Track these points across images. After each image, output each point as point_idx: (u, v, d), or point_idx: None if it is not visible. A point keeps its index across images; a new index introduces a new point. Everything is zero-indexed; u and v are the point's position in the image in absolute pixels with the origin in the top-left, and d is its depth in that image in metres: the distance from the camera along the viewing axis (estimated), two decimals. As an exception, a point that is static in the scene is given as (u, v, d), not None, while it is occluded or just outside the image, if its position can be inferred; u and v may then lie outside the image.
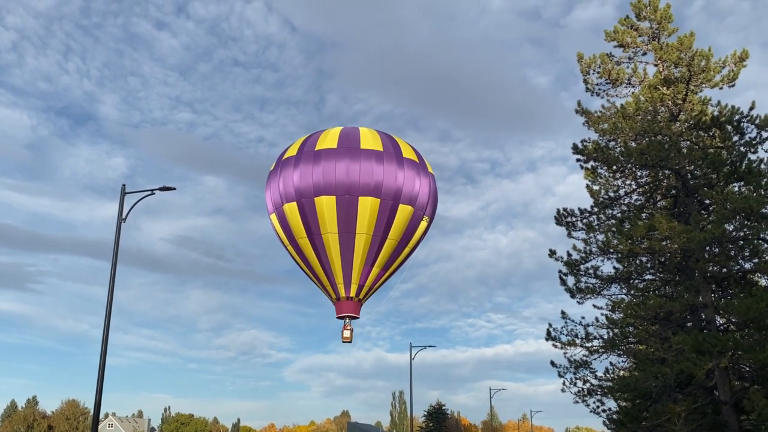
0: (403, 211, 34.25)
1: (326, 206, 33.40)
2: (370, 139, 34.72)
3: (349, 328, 34.98)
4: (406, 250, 35.95)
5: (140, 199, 24.78)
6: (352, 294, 34.76)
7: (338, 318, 35.30)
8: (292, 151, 35.46)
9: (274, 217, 35.72)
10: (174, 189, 25.03)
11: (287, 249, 36.30)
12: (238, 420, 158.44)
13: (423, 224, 35.66)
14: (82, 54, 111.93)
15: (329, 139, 34.67)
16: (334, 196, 33.30)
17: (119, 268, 23.43)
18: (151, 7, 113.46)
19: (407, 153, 35.33)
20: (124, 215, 24.15)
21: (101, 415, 26.44)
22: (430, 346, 52.52)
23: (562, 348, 28.62)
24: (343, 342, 34.93)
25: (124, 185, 24.65)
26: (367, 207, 33.40)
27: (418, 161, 35.64)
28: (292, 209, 34.32)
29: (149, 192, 24.86)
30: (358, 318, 35.46)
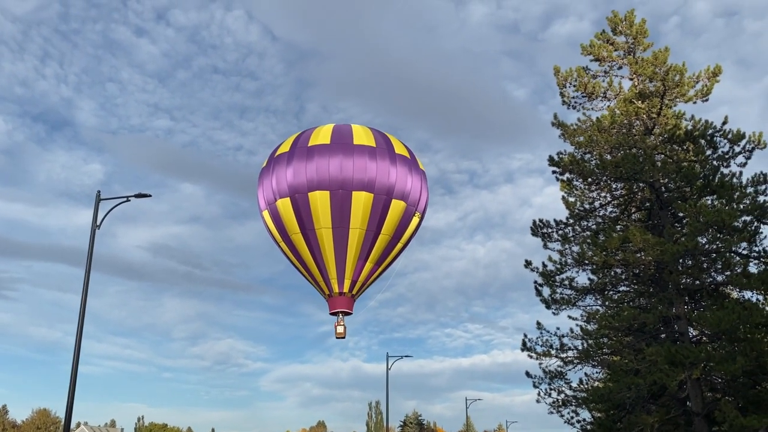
0: (396, 207, 34.43)
1: (320, 201, 33.42)
2: (362, 136, 34.94)
3: (342, 323, 34.87)
4: (399, 245, 36.09)
5: (115, 206, 24.59)
6: (345, 289, 34.71)
7: (331, 314, 35.13)
8: (285, 148, 35.45)
9: (266, 213, 35.61)
10: (150, 196, 24.86)
11: (279, 246, 36.19)
12: (213, 430, 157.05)
13: (415, 220, 35.85)
14: (60, 59, 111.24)
15: (322, 135, 34.78)
16: (328, 191, 33.33)
17: (94, 275, 23.20)
18: (131, 14, 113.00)
19: (399, 149, 35.60)
20: (98, 222, 23.92)
21: (73, 425, 26.06)
22: (407, 356, 52.49)
23: (537, 358, 28.76)
24: (337, 338, 34.83)
25: (99, 192, 24.47)
26: (361, 201, 33.54)
27: (409, 157, 35.93)
28: (285, 205, 34.25)
29: (124, 199, 24.68)
30: (351, 314, 35.39)
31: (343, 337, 34.80)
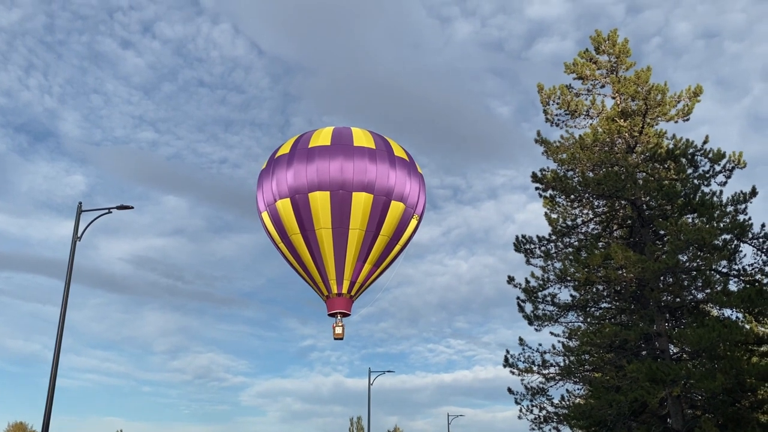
0: (395, 208, 34.62)
1: (320, 201, 33.52)
2: (362, 138, 35.18)
3: (340, 324, 34.80)
4: (397, 247, 36.21)
5: (97, 218, 24.38)
6: (344, 290, 34.70)
7: (329, 315, 35.12)
8: (285, 149, 35.55)
9: (266, 215, 35.62)
10: (132, 208, 24.68)
11: (278, 247, 36.17)
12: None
13: (413, 222, 36.01)
14: (45, 70, 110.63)
15: (322, 137, 34.97)
16: (329, 192, 33.44)
17: (75, 287, 22.94)
18: (117, 26, 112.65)
19: (398, 152, 35.86)
20: (79, 234, 23.72)
21: (48, 440, 25.58)
22: (389, 371, 52.14)
23: (519, 375, 28.75)
24: (335, 339, 34.74)
25: (80, 203, 24.27)
26: (361, 202, 33.69)
27: (408, 160, 36.17)
28: (285, 206, 34.30)
29: (106, 211, 24.49)
30: (349, 315, 35.32)
31: (342, 338, 34.80)
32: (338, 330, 34.66)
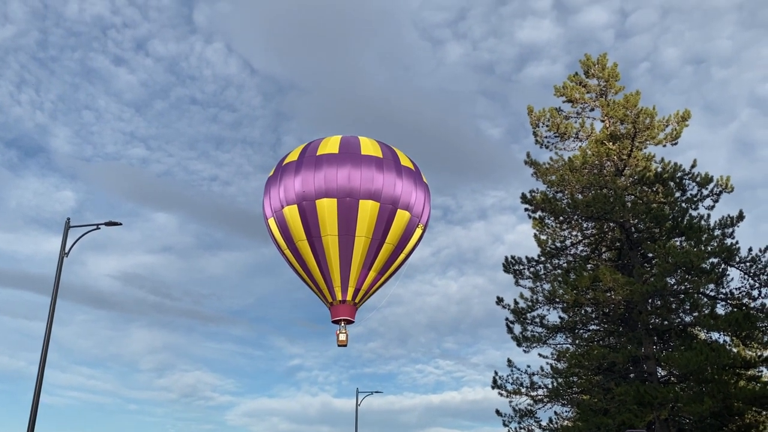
0: (401, 217, 34.87)
1: (327, 208, 33.81)
2: (369, 147, 35.64)
3: (344, 332, 34.96)
4: (402, 256, 36.43)
5: (85, 233, 24.24)
6: (349, 297, 34.86)
7: (333, 322, 35.29)
8: (293, 157, 35.98)
9: (272, 221, 35.89)
10: (120, 224, 24.56)
11: (284, 253, 36.41)
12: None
13: (418, 231, 36.23)
14: (36, 86, 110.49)
15: (330, 145, 35.42)
16: (336, 199, 33.75)
17: (62, 303, 22.76)
18: (110, 43, 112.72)
19: (405, 161, 36.30)
20: (67, 249, 23.58)
21: (30, 458, 25.22)
22: (377, 392, 51.78)
23: (507, 396, 28.66)
24: (339, 346, 34.90)
25: (68, 219, 24.13)
26: (367, 210, 33.96)
27: (414, 170, 36.56)
28: (292, 212, 34.59)
29: (94, 227, 24.38)
30: (353, 322, 35.44)
31: (345, 345, 34.98)
32: (342, 337, 34.85)
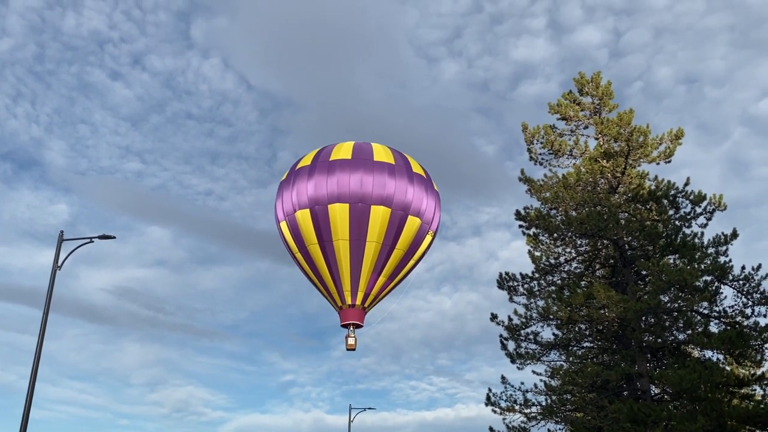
0: (412, 223, 35.19)
1: (339, 213, 34.15)
2: (382, 153, 36.02)
3: (353, 336, 35.02)
4: (411, 261, 36.71)
5: (78, 247, 24.20)
6: (358, 302, 35.10)
7: (342, 326, 35.35)
8: (306, 161, 36.32)
9: (284, 225, 36.13)
10: (114, 237, 24.53)
11: (295, 257, 36.70)
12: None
13: (428, 238, 36.56)
14: (33, 99, 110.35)
15: (343, 151, 35.78)
16: (348, 204, 34.05)
17: (54, 317, 22.68)
18: (107, 58, 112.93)
19: (416, 168, 36.64)
20: (60, 263, 23.50)
21: (19, 474, 25.01)
22: (370, 408, 51.52)
23: (501, 414, 28.50)
24: (348, 350, 35.07)
25: (61, 232, 24.10)
26: (379, 215, 34.30)
27: (425, 177, 36.82)
28: (304, 216, 34.91)
29: (88, 240, 24.33)
30: (362, 326, 35.53)
31: (354, 349, 35.07)
32: (350, 341, 35.02)
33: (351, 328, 35.00)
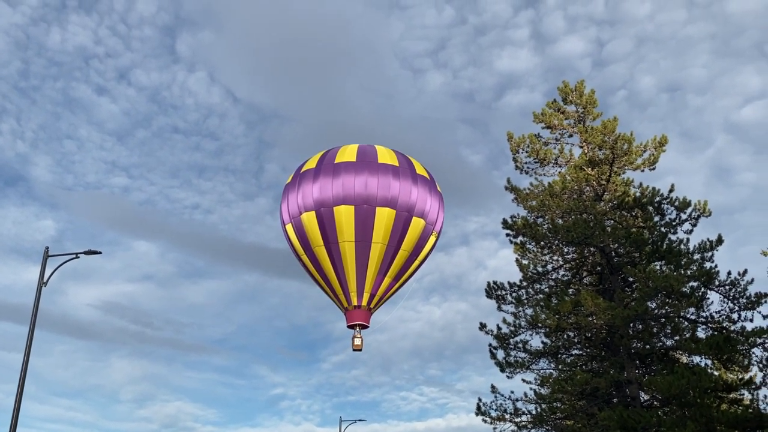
0: (416, 224, 35.51)
1: (345, 215, 34.40)
2: (386, 155, 36.41)
3: (359, 336, 35.11)
4: (416, 262, 37.04)
5: (64, 263, 24.04)
6: (364, 303, 35.38)
7: (348, 327, 35.52)
8: (311, 164, 36.64)
9: (290, 227, 36.36)
10: (99, 253, 24.39)
11: (301, 259, 36.94)
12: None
13: (432, 239, 36.90)
14: (18, 115, 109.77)
15: (348, 154, 36.16)
16: (353, 206, 34.37)
17: (41, 334, 22.44)
18: (93, 73, 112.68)
19: (420, 170, 36.98)
20: (45, 279, 23.33)
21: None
22: (360, 420, 51.44)
23: (491, 423, 28.46)
24: (354, 350, 35.22)
25: (47, 248, 23.93)
26: (384, 217, 34.56)
27: (429, 178, 37.11)
28: (310, 218, 35.18)
29: (74, 256, 24.18)
30: (368, 327, 35.66)
31: (360, 350, 35.21)
32: (357, 341, 35.20)
33: (357, 329, 35.27)
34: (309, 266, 36.58)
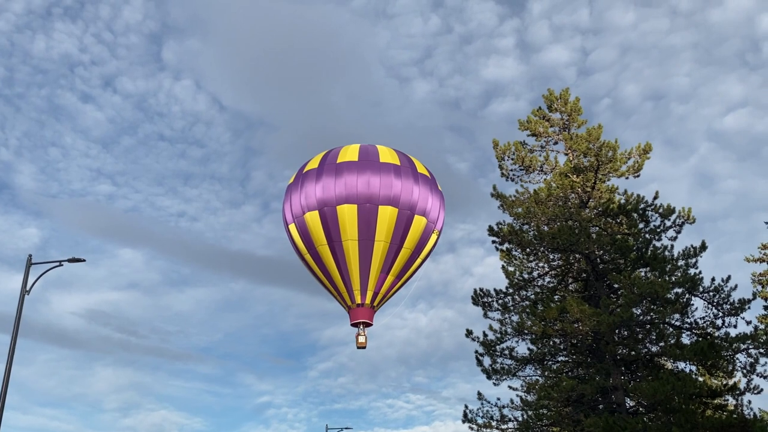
0: (418, 222, 35.75)
1: (348, 214, 34.74)
2: (387, 155, 36.65)
3: (363, 334, 35.12)
4: (418, 260, 37.26)
5: (47, 270, 23.88)
6: (367, 301, 35.59)
7: (352, 325, 35.53)
8: (313, 164, 36.82)
9: (293, 227, 36.43)
10: (83, 260, 24.22)
11: (304, 258, 37.02)
12: None
13: (434, 237, 37.08)
14: (2, 123, 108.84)
15: (350, 153, 36.38)
16: (356, 205, 34.54)
17: (24, 342, 22.25)
18: (78, 80, 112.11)
19: (421, 169, 37.20)
20: (28, 287, 23.12)
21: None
22: (347, 428, 51.21)
23: (478, 430, 28.43)
24: (358, 348, 35.49)
25: (30, 255, 23.76)
26: (386, 215, 34.90)
27: (430, 177, 37.21)
28: (313, 217, 35.41)
29: (57, 263, 24.02)
30: (372, 325, 35.66)
31: (365, 347, 35.27)
32: (361, 339, 35.40)
33: (361, 327, 35.33)
34: (312, 265, 36.75)
